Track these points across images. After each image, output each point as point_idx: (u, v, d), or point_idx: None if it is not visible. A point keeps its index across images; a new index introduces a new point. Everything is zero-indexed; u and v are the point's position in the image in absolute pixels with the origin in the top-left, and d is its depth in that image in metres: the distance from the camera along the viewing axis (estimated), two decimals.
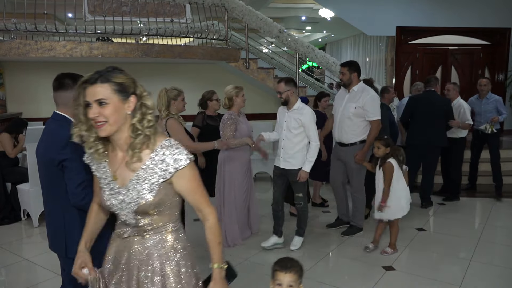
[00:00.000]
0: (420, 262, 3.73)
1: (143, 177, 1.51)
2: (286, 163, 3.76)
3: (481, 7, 8.98)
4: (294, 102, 3.71)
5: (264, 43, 12.16)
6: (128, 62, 8.25)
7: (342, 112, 4.12)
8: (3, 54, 6.01)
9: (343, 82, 4.15)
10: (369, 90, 4.11)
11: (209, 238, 1.73)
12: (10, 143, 5.02)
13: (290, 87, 3.67)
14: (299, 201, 3.86)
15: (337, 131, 4.20)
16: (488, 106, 5.68)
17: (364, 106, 4.00)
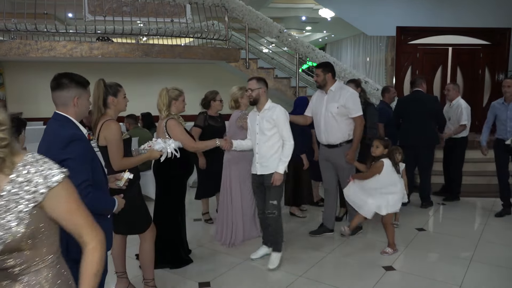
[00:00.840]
0: (420, 262, 3.72)
1: (4, 207, 1.18)
2: (263, 168, 3.50)
3: (481, 7, 8.97)
4: (264, 102, 3.48)
5: (264, 43, 12.16)
6: (128, 62, 8.27)
7: (325, 114, 4.03)
8: (3, 54, 6.02)
9: (318, 84, 4.06)
10: (347, 88, 4.10)
11: (83, 266, 1.38)
12: None
13: (261, 85, 3.46)
14: (273, 210, 3.49)
15: (323, 133, 4.09)
16: None
17: (345, 104, 3.94)
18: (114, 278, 3.17)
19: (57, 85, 2.05)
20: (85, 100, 2.13)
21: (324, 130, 4.06)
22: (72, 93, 2.06)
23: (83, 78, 2.16)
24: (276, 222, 3.55)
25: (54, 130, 2.05)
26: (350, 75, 7.22)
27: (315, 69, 4.09)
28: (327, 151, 4.15)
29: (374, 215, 3.83)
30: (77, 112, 2.10)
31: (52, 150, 1.97)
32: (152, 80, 8.56)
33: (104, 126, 2.73)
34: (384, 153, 3.72)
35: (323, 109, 4.03)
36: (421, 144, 5.17)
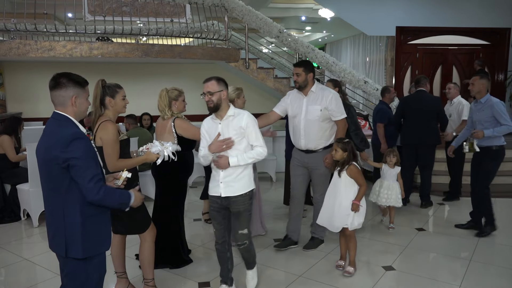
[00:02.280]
0: (420, 262, 3.73)
1: None
2: (228, 189, 2.85)
3: (480, 7, 8.98)
4: (226, 108, 2.87)
5: (264, 43, 12.16)
6: (128, 62, 8.27)
7: (305, 118, 3.68)
8: (3, 54, 6.02)
9: (298, 84, 3.69)
10: (328, 89, 3.79)
11: None
12: (11, 145, 4.99)
13: (223, 87, 2.84)
14: (243, 240, 2.94)
15: (303, 138, 3.73)
16: (482, 113, 4.23)
17: (328, 107, 3.64)
18: (114, 278, 3.17)
19: (55, 84, 2.06)
20: (83, 99, 2.12)
21: (304, 135, 3.72)
22: (70, 92, 2.05)
23: (81, 77, 2.15)
24: (248, 252, 3.03)
25: (54, 130, 2.04)
26: (349, 75, 7.22)
27: (294, 67, 3.74)
28: (304, 157, 3.81)
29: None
30: (76, 111, 2.09)
31: (53, 151, 1.97)
32: (152, 80, 8.57)
33: (100, 127, 2.74)
34: (344, 157, 3.38)
35: (303, 112, 3.70)
36: (423, 144, 5.18)
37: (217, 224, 2.98)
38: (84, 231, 2.04)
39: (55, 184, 2.03)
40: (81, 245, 2.03)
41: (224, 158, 2.80)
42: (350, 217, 3.37)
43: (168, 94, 3.37)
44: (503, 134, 4.11)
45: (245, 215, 2.91)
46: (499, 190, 5.99)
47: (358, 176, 3.37)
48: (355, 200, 3.35)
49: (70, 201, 2.02)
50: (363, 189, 3.38)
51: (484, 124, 4.14)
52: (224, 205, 2.92)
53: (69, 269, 2.11)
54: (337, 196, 3.43)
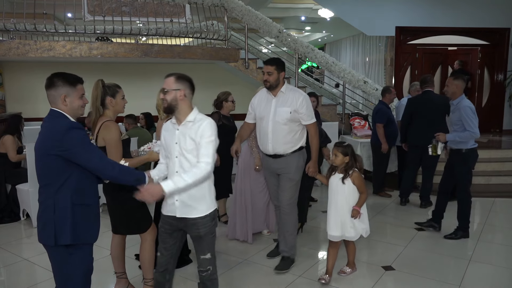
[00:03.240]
0: (420, 262, 3.73)
1: None
2: (186, 209, 2.40)
3: (480, 7, 8.99)
4: (186, 111, 2.39)
5: (263, 43, 12.17)
6: (127, 62, 8.27)
7: (273, 120, 3.40)
8: (3, 54, 6.01)
9: (269, 84, 3.41)
10: (299, 90, 3.56)
11: None
12: (13, 145, 5.01)
13: (183, 86, 2.38)
14: (206, 266, 2.50)
15: (270, 142, 3.43)
16: (453, 115, 4.23)
17: (299, 110, 3.37)
18: (114, 278, 3.17)
19: (48, 84, 2.13)
20: (75, 98, 2.15)
21: (272, 139, 3.42)
22: (60, 91, 2.12)
23: (74, 76, 2.18)
24: (211, 282, 2.55)
25: (49, 124, 2.12)
26: (349, 75, 7.22)
27: (264, 66, 3.44)
28: (272, 162, 3.52)
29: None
30: (68, 110, 2.14)
31: (49, 142, 2.05)
32: (152, 80, 8.55)
33: (103, 127, 2.74)
34: (345, 161, 3.19)
35: (271, 114, 3.42)
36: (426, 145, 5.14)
37: (164, 249, 2.52)
38: (73, 217, 2.11)
39: (49, 176, 2.12)
40: (70, 231, 2.10)
41: (155, 186, 2.24)
42: (357, 226, 3.21)
43: None
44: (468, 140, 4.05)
45: (208, 238, 2.46)
46: (499, 190, 6.01)
47: (361, 183, 3.20)
48: (356, 206, 3.18)
49: (62, 192, 2.10)
50: (365, 196, 3.22)
51: (454, 127, 4.12)
52: (178, 227, 2.47)
53: (57, 259, 2.18)
54: (342, 205, 3.21)
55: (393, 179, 6.27)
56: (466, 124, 3.98)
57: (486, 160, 6.62)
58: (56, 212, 2.10)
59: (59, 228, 2.10)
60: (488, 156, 6.77)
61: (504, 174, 6.37)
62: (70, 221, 2.10)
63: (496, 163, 6.57)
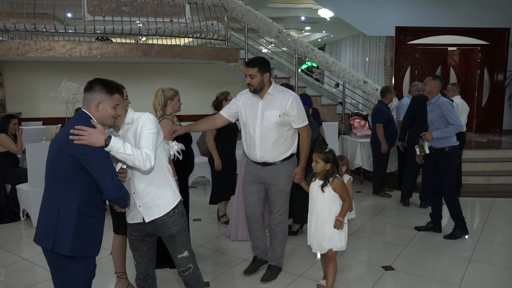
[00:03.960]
0: (419, 262, 3.73)
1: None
2: (150, 211, 2.34)
3: (480, 7, 8.99)
4: (123, 115, 2.30)
5: (263, 43, 12.17)
6: (127, 62, 8.27)
7: (261, 124, 3.11)
8: (2, 54, 6.01)
9: (253, 88, 3.10)
10: (288, 91, 3.23)
11: None
12: (9, 141, 5.02)
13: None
14: (186, 265, 2.45)
15: (258, 149, 3.15)
16: (433, 114, 4.26)
17: (289, 112, 3.09)
18: (114, 278, 3.17)
19: (87, 87, 2.14)
20: (108, 106, 2.12)
21: (260, 146, 3.13)
22: (95, 96, 2.10)
23: (114, 84, 2.18)
24: (195, 280, 2.50)
25: (74, 123, 2.04)
26: (349, 75, 7.23)
27: (245, 67, 3.10)
28: (260, 170, 3.23)
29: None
30: (99, 116, 2.12)
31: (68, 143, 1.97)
32: (151, 80, 8.56)
33: None
34: (326, 168, 2.94)
35: (258, 118, 3.12)
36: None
37: (138, 257, 2.50)
38: (76, 229, 2.04)
39: (60, 179, 2.04)
40: (70, 243, 2.03)
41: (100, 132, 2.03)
42: (336, 237, 2.96)
43: (164, 94, 3.39)
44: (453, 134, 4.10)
45: (181, 236, 2.41)
46: (499, 190, 6.01)
47: (343, 190, 2.96)
48: (339, 216, 2.94)
49: (70, 198, 2.03)
50: (347, 204, 2.98)
51: (436, 125, 4.17)
52: (150, 232, 2.42)
53: (54, 264, 2.14)
54: (321, 214, 2.97)
55: (393, 179, 6.28)
56: (449, 118, 4.03)
57: (486, 160, 6.62)
58: (59, 218, 2.02)
59: (59, 236, 2.03)
60: (488, 156, 6.78)
61: (504, 174, 6.37)
62: (72, 231, 2.02)
63: (496, 163, 6.58)
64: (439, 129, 4.10)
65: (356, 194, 5.91)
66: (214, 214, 4.95)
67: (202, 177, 6.52)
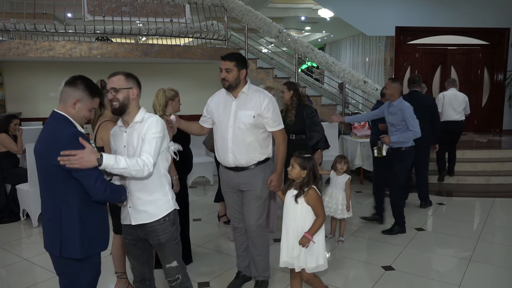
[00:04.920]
0: (419, 262, 3.73)
1: None
2: (140, 215, 2.28)
3: (480, 7, 8.99)
4: (135, 111, 2.27)
5: (263, 43, 12.16)
6: (127, 62, 8.26)
7: (234, 125, 2.89)
8: (2, 54, 6.01)
9: (228, 83, 2.88)
10: (264, 91, 3.02)
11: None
12: (10, 141, 5.02)
13: (132, 84, 2.26)
14: (175, 274, 2.40)
15: (230, 152, 2.92)
16: (394, 116, 4.29)
17: (264, 114, 2.89)
18: (114, 278, 3.17)
19: (70, 80, 2.10)
20: (85, 106, 2.09)
21: (232, 148, 2.91)
22: (76, 93, 2.06)
23: (96, 87, 2.15)
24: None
25: (54, 129, 2.01)
26: (349, 75, 7.23)
27: (222, 61, 2.89)
28: (233, 177, 3.01)
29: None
30: (74, 114, 2.07)
31: (52, 154, 1.94)
32: (151, 80, 8.55)
33: (101, 127, 2.74)
34: (302, 175, 2.67)
35: (231, 119, 2.91)
36: (418, 144, 5.14)
37: (133, 260, 2.44)
38: (82, 232, 2.03)
39: (53, 185, 2.02)
40: (79, 246, 2.03)
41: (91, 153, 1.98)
42: (303, 255, 2.66)
43: (165, 94, 3.40)
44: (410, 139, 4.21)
45: (170, 245, 2.33)
46: (499, 190, 6.01)
47: (317, 204, 2.64)
48: (308, 232, 2.62)
49: (69, 203, 2.02)
50: (320, 221, 2.64)
51: (396, 127, 4.26)
52: (141, 237, 2.34)
53: (63, 269, 2.13)
54: (292, 227, 2.69)
55: None
56: (409, 124, 4.13)
57: (486, 160, 6.62)
58: (62, 224, 2.01)
59: (66, 241, 2.02)
60: (488, 156, 6.78)
61: (504, 174, 6.37)
62: (78, 234, 2.01)
63: (496, 163, 6.58)
64: (399, 131, 4.21)
65: (356, 194, 5.91)
66: (214, 214, 4.95)
67: (202, 177, 6.52)
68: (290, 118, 4.19)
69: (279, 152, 3.00)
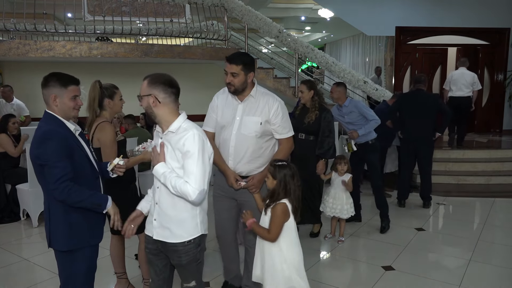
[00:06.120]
0: (419, 262, 3.73)
1: None
2: (162, 231, 2.08)
3: (480, 7, 8.99)
4: (169, 119, 2.05)
5: (263, 43, 12.17)
6: (127, 62, 8.27)
7: (238, 131, 2.66)
8: (3, 54, 6.02)
9: (233, 88, 2.64)
10: (273, 95, 2.76)
11: None
12: (9, 142, 5.02)
13: (154, 89, 2.02)
14: None
15: (231, 159, 2.70)
16: (352, 115, 4.39)
17: (272, 120, 2.66)
18: (114, 278, 3.17)
19: (42, 83, 2.13)
20: (66, 99, 2.10)
21: (234, 155, 2.68)
22: (50, 91, 2.10)
23: (67, 77, 2.14)
24: None
25: (38, 127, 2.11)
26: (349, 75, 7.23)
27: (227, 64, 2.64)
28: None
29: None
30: (59, 111, 2.11)
31: (32, 150, 2.05)
32: None
33: (98, 128, 2.74)
34: (274, 186, 2.38)
35: (236, 124, 2.67)
36: (423, 139, 5.17)
37: (154, 274, 2.20)
38: (67, 224, 2.07)
39: (41, 181, 2.11)
40: (63, 238, 2.08)
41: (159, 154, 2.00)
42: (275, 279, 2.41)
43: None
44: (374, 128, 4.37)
45: (191, 266, 2.11)
46: (499, 190, 6.01)
47: (275, 221, 2.33)
48: (254, 223, 2.39)
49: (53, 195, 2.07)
50: (267, 236, 2.35)
51: (357, 123, 4.38)
52: (160, 249, 2.12)
53: (59, 260, 2.18)
54: (265, 244, 2.43)
55: (393, 179, 6.27)
56: (367, 115, 4.32)
57: (486, 160, 6.62)
58: (51, 216, 2.09)
59: (53, 233, 2.09)
60: (488, 156, 6.78)
61: (504, 174, 6.37)
62: (62, 227, 2.07)
63: (496, 163, 6.57)
64: (361, 126, 4.33)
65: None
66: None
67: None
68: (310, 118, 4.02)
69: (277, 156, 2.72)
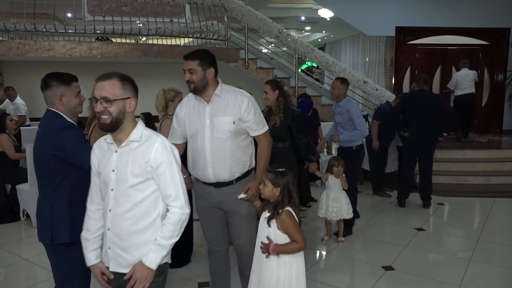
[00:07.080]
0: (419, 262, 3.73)
1: None
2: (118, 260, 1.79)
3: (480, 7, 8.99)
4: (131, 126, 1.77)
5: (263, 43, 12.17)
6: (127, 62, 8.26)
7: (211, 135, 2.46)
8: (3, 54, 6.02)
9: (193, 86, 2.50)
10: (241, 91, 2.61)
11: None
12: (10, 143, 5.01)
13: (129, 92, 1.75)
14: None
15: (210, 166, 2.48)
16: (342, 116, 4.29)
17: (244, 117, 2.49)
18: None
19: (42, 85, 2.16)
20: (71, 96, 2.17)
21: (212, 161, 2.47)
22: (55, 91, 2.13)
23: (67, 75, 2.19)
24: None
25: (44, 125, 2.14)
26: (349, 75, 7.23)
27: (184, 61, 2.57)
28: (214, 193, 2.56)
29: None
30: (65, 109, 2.16)
31: (45, 144, 2.07)
32: (152, 80, 8.56)
33: (95, 129, 2.74)
34: (276, 194, 2.23)
35: (207, 128, 2.47)
36: (428, 140, 5.18)
37: None
38: (71, 215, 2.11)
39: (46, 176, 2.14)
40: (68, 229, 2.11)
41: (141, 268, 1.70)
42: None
43: (165, 95, 3.39)
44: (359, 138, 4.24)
45: None
46: (499, 190, 6.01)
47: (292, 229, 2.20)
48: (277, 245, 2.21)
49: (60, 190, 2.12)
50: (296, 246, 2.26)
51: (345, 127, 4.28)
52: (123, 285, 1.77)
53: (56, 257, 2.20)
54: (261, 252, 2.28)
55: (393, 179, 6.27)
56: (356, 124, 4.16)
57: (486, 160, 6.62)
58: (53, 211, 2.13)
59: (57, 226, 2.12)
60: (488, 156, 6.78)
61: (504, 174, 6.37)
62: (67, 219, 2.11)
63: (496, 163, 6.58)
64: (347, 131, 4.22)
65: None
66: None
67: None
68: (275, 122, 3.63)
69: (262, 157, 2.58)
